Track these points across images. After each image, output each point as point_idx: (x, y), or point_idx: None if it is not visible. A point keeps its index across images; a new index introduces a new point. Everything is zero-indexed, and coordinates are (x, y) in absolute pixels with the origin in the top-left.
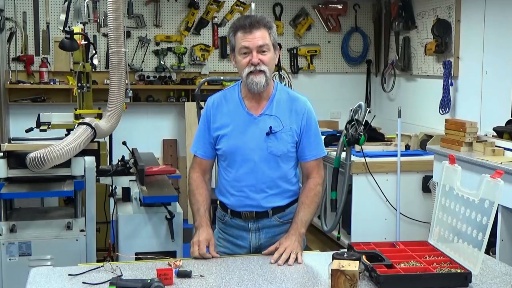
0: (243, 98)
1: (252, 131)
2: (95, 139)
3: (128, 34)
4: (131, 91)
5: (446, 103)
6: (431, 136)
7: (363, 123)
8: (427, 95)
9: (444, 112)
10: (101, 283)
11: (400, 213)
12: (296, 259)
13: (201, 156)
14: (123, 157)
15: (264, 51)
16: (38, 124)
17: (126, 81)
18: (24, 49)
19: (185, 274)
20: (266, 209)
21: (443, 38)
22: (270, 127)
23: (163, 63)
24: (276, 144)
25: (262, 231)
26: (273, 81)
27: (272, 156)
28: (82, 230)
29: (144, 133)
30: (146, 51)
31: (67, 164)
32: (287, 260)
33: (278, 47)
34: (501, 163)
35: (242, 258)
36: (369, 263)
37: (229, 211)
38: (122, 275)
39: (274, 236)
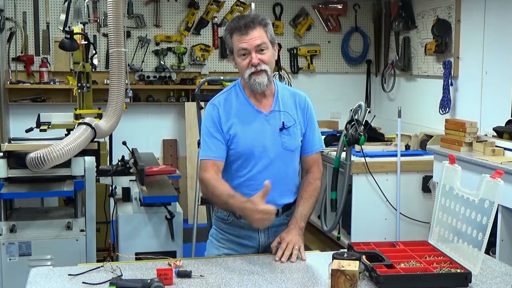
0: (249, 97)
1: (265, 129)
2: (95, 139)
3: (128, 34)
4: (131, 91)
5: (446, 103)
6: (431, 136)
7: (363, 123)
8: (427, 95)
9: (444, 112)
10: (101, 283)
11: (400, 213)
12: (300, 255)
13: (214, 158)
14: (123, 157)
15: (262, 50)
16: (38, 124)
17: (126, 81)
18: (24, 49)
19: (185, 274)
20: (278, 207)
21: (443, 38)
22: (283, 123)
23: (163, 63)
24: (289, 139)
25: (271, 230)
26: (271, 77)
27: (286, 151)
28: (82, 230)
29: (144, 133)
30: (146, 51)
31: (67, 164)
32: (290, 256)
33: (277, 44)
34: (501, 163)
35: (242, 258)
36: (369, 263)
37: None
38: (122, 275)
39: None
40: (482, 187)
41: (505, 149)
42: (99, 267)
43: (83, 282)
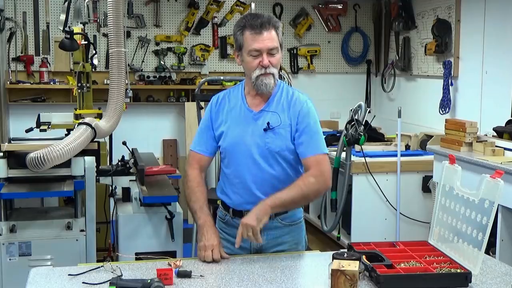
0: (246, 95)
1: (251, 127)
2: (95, 139)
3: (128, 34)
4: (131, 91)
5: (446, 103)
6: (431, 136)
7: (363, 123)
8: (427, 95)
9: (444, 112)
10: (101, 283)
11: (400, 213)
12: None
13: (200, 152)
14: (123, 157)
15: (273, 53)
16: (38, 124)
17: (126, 81)
18: (24, 49)
19: (185, 274)
20: None
21: (443, 38)
22: (268, 123)
23: (163, 63)
24: (274, 139)
25: (264, 233)
26: (277, 80)
27: (270, 152)
28: (82, 230)
29: (144, 133)
30: (146, 51)
31: (67, 164)
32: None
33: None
34: (501, 163)
35: (242, 258)
36: (369, 263)
37: (230, 210)
38: (122, 275)
39: (276, 238)
40: (482, 187)
41: (505, 149)
42: (99, 267)
43: (83, 282)
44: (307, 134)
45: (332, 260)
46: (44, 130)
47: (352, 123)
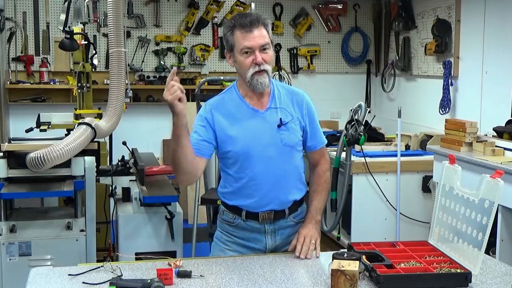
0: (244, 97)
1: (262, 127)
2: (95, 139)
3: (128, 34)
4: (131, 91)
5: (446, 103)
6: (431, 136)
7: (363, 123)
8: (427, 95)
9: (444, 112)
10: (101, 283)
11: (400, 213)
12: (315, 251)
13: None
14: (123, 157)
15: (265, 49)
16: (38, 124)
17: (126, 81)
18: (24, 49)
19: (185, 274)
20: (284, 207)
21: (443, 38)
22: (280, 119)
23: (163, 63)
24: (288, 134)
25: (278, 233)
26: (271, 77)
27: (287, 147)
28: (82, 230)
29: (144, 133)
30: (146, 51)
31: (67, 164)
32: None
33: (276, 45)
34: (501, 163)
35: (242, 258)
36: (369, 263)
37: (243, 213)
38: (122, 275)
39: (289, 236)
40: (482, 187)
41: (505, 149)
42: (99, 267)
43: (83, 282)
44: (314, 128)
45: (332, 260)
46: (44, 130)
47: (352, 123)
